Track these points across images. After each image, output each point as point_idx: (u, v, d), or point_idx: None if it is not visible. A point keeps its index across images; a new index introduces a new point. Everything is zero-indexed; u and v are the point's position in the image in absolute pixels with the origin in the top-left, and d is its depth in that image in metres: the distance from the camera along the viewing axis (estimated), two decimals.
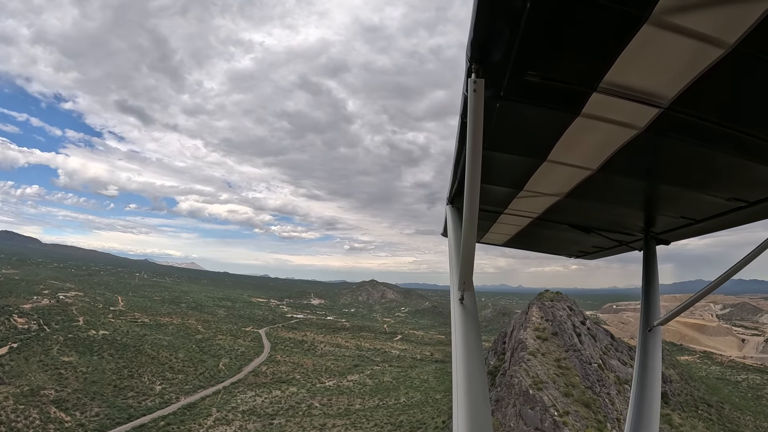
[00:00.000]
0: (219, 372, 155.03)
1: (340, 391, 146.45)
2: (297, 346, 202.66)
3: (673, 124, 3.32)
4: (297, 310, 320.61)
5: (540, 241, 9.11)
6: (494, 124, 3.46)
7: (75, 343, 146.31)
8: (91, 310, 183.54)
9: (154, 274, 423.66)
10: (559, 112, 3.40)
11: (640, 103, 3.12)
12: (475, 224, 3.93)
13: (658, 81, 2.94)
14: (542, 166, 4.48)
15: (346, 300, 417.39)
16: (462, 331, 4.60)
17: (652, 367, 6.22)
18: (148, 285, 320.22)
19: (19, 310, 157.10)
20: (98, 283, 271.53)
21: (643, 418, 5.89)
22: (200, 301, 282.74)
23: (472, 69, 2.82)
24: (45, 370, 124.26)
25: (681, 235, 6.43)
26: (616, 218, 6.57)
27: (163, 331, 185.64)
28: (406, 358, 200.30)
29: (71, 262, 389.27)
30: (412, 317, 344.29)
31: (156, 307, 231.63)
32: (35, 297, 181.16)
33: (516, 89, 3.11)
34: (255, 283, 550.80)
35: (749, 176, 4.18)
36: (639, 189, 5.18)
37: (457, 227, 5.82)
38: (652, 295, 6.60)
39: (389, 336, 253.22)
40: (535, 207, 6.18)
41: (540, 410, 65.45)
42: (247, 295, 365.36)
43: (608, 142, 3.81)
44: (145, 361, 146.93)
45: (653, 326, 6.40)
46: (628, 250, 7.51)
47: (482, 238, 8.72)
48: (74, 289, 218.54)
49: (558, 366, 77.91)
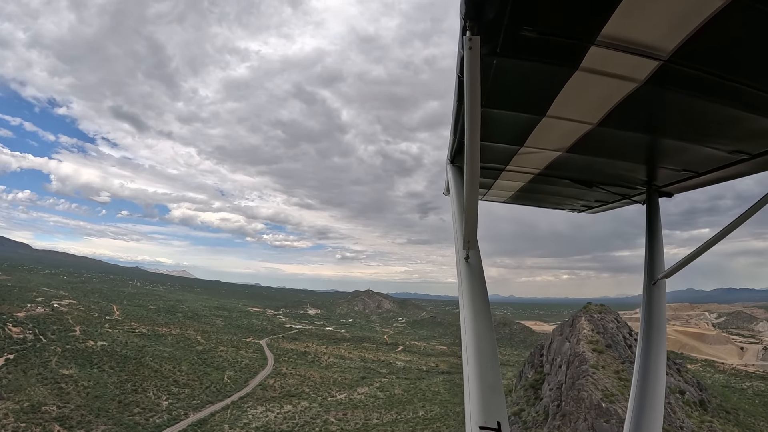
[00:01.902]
0: (225, 385, 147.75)
1: (353, 404, 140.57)
2: (301, 357, 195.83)
3: (674, 76, 3.34)
4: (295, 320, 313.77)
5: (543, 197, 8.84)
6: (491, 81, 3.55)
7: (74, 355, 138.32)
8: (87, 320, 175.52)
9: (146, 281, 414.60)
10: (557, 67, 3.43)
11: (639, 56, 3.12)
12: (476, 182, 4.01)
13: (658, 33, 2.92)
14: (542, 121, 4.48)
15: (342, 310, 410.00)
16: (469, 289, 4.62)
17: (657, 321, 6.31)
18: (142, 293, 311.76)
19: (13, 318, 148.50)
20: (92, 291, 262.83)
21: (650, 373, 6.01)
22: (196, 310, 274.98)
23: (467, 26, 2.80)
24: (45, 384, 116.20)
25: (683, 187, 6.41)
26: (618, 172, 6.45)
27: (163, 342, 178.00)
28: (412, 369, 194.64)
29: (63, 268, 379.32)
30: (410, 328, 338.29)
31: (152, 316, 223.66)
32: (29, 305, 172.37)
33: (512, 45, 3.11)
34: (248, 292, 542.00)
35: (751, 128, 4.19)
36: (640, 142, 5.14)
37: (459, 186, 5.83)
38: (656, 248, 6.65)
39: (391, 347, 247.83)
40: (536, 163, 6.14)
41: (615, 423, 63.47)
42: (243, 305, 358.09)
43: (608, 95, 3.84)
44: (148, 375, 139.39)
45: (657, 279, 6.43)
46: (631, 203, 7.43)
47: (485, 196, 8.52)
48: (68, 297, 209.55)
49: (618, 378, 74.87)
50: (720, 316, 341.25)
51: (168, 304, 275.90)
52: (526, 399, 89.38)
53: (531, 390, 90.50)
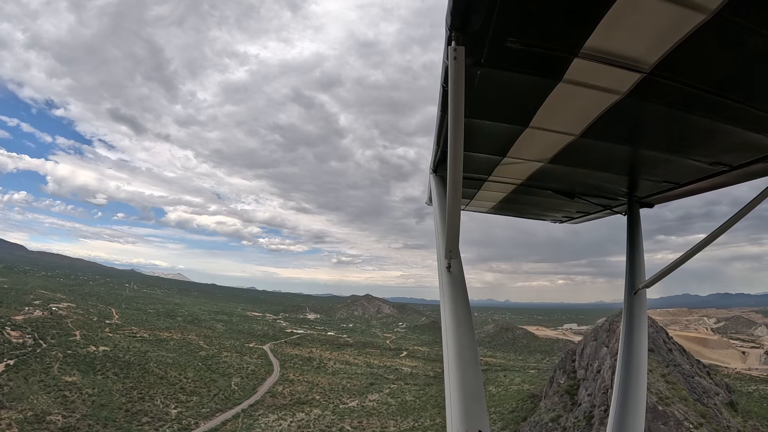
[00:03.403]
0: (233, 393, 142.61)
1: (367, 412, 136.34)
2: (306, 363, 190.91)
3: (655, 89, 3.39)
4: (295, 325, 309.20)
5: (525, 208, 8.96)
6: (476, 91, 3.55)
7: (76, 361, 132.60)
8: (86, 324, 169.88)
9: (143, 284, 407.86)
10: (540, 78, 3.45)
11: (621, 69, 3.17)
12: (459, 192, 4.01)
13: (640, 46, 2.97)
14: (525, 132, 4.50)
15: (341, 315, 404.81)
16: (450, 299, 4.64)
17: (638, 330, 6.30)
18: (140, 296, 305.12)
19: (11, 322, 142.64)
20: (89, 294, 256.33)
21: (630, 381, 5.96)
22: (196, 314, 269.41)
23: (452, 37, 2.85)
24: (48, 392, 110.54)
25: (664, 198, 6.51)
26: (599, 183, 6.51)
27: (165, 347, 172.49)
28: (419, 375, 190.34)
29: (59, 270, 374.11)
30: (411, 333, 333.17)
31: (152, 320, 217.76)
32: (27, 308, 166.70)
33: (497, 56, 3.15)
34: (245, 296, 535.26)
35: (731, 141, 4.28)
36: (622, 154, 5.22)
37: (441, 195, 5.95)
38: (637, 259, 6.69)
39: (395, 352, 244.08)
40: (519, 173, 6.18)
41: (674, 425, 62.46)
42: (241, 309, 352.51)
43: (590, 107, 3.88)
44: (154, 382, 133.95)
45: (638, 289, 6.47)
46: (612, 213, 7.53)
47: (467, 206, 8.62)
48: (66, 300, 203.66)
49: (666, 381, 74.01)
50: (719, 321, 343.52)
51: (167, 308, 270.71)
52: (563, 405, 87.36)
53: (567, 396, 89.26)
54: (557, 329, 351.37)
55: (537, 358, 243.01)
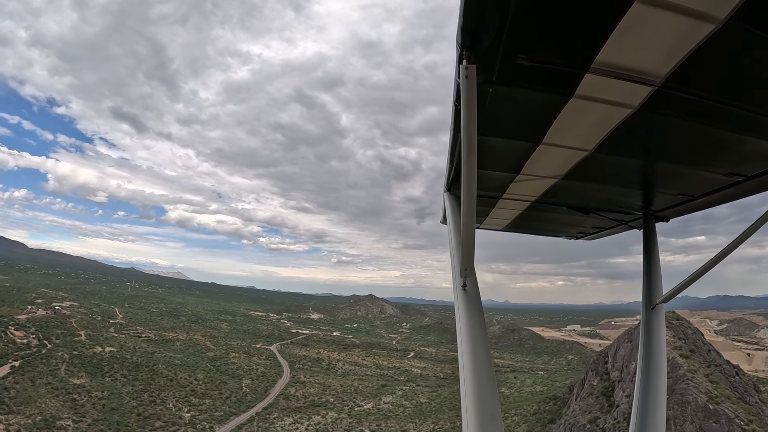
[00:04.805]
0: (245, 395, 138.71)
1: (384, 414, 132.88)
2: (315, 364, 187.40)
3: (667, 101, 3.39)
4: (300, 325, 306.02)
5: (540, 224, 8.90)
6: (488, 109, 3.56)
7: (82, 362, 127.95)
8: (91, 323, 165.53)
9: (144, 283, 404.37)
10: (552, 95, 3.47)
11: (633, 82, 3.18)
12: (473, 210, 4.02)
13: (651, 59, 2.97)
14: (538, 149, 4.48)
15: (344, 315, 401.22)
16: (466, 317, 4.66)
17: (656, 346, 6.22)
18: (142, 295, 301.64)
19: (15, 321, 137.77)
20: (91, 293, 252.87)
21: (650, 398, 5.89)
22: (199, 314, 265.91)
23: (463, 55, 2.86)
24: (56, 395, 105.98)
25: (680, 211, 6.44)
26: (614, 198, 6.51)
27: (172, 348, 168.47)
28: (430, 377, 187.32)
29: (59, 268, 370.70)
30: (416, 333, 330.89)
31: (156, 320, 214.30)
32: (29, 307, 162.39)
33: (508, 73, 3.18)
34: (246, 295, 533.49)
35: (746, 150, 4.22)
36: (636, 168, 5.19)
37: (456, 214, 5.85)
38: (654, 273, 6.57)
39: (402, 353, 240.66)
40: (533, 190, 6.15)
41: (725, 422, 63.78)
42: (244, 308, 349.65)
43: (603, 122, 3.87)
44: (164, 384, 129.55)
45: (656, 304, 6.37)
46: (628, 228, 7.46)
47: (482, 224, 8.55)
48: (68, 299, 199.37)
49: (710, 381, 73.81)
50: (721, 323, 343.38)
51: (170, 307, 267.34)
52: (599, 406, 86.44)
53: (602, 397, 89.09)
54: (561, 330, 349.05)
55: (544, 360, 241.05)
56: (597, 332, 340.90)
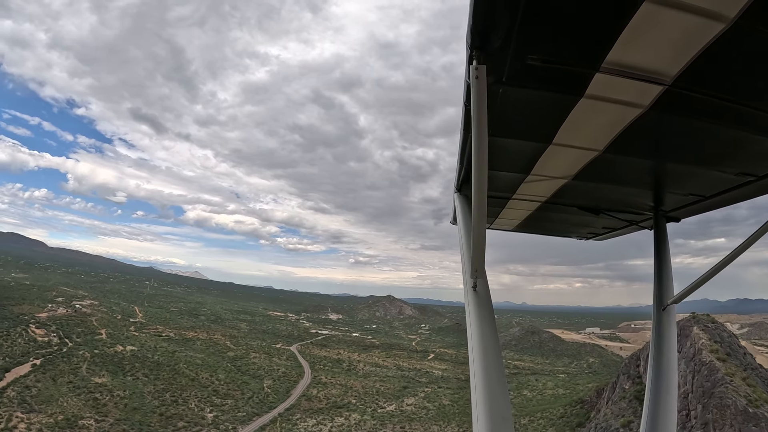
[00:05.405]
0: (267, 396, 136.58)
1: (407, 417, 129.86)
2: (336, 365, 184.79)
3: (678, 101, 3.39)
4: (319, 326, 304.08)
5: (550, 225, 8.84)
6: (498, 109, 3.60)
7: (104, 361, 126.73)
8: (111, 322, 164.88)
9: (162, 282, 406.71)
10: (562, 95, 3.49)
11: (643, 82, 3.18)
12: (484, 211, 4.05)
13: (661, 58, 2.97)
14: (548, 149, 4.52)
15: (363, 315, 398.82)
16: (477, 318, 4.67)
17: (668, 347, 6.23)
18: (161, 294, 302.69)
19: (35, 319, 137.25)
20: (110, 291, 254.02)
21: (661, 398, 5.88)
22: (218, 313, 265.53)
23: (473, 56, 2.88)
24: (77, 394, 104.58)
25: (691, 211, 6.40)
26: (624, 198, 6.49)
27: (192, 348, 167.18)
28: (451, 379, 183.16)
29: (78, 267, 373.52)
30: (435, 335, 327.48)
31: (175, 319, 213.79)
32: (50, 305, 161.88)
33: (518, 74, 3.20)
34: (264, 295, 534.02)
35: (757, 150, 4.23)
36: (646, 168, 5.20)
37: (466, 215, 5.86)
38: (665, 274, 6.57)
39: (422, 355, 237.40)
40: (543, 191, 6.14)
41: (765, 426, 63.34)
42: (263, 308, 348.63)
43: (613, 122, 3.88)
44: (186, 384, 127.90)
45: (667, 305, 6.34)
46: (639, 229, 7.39)
47: (492, 224, 8.52)
48: (88, 297, 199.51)
49: (747, 385, 73.09)
50: (742, 327, 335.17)
51: (189, 307, 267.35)
52: (632, 410, 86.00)
53: (635, 401, 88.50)
54: (581, 333, 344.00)
55: (565, 362, 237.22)
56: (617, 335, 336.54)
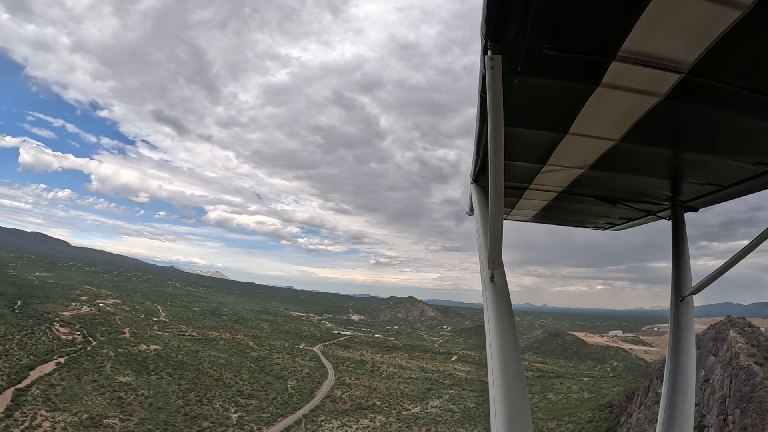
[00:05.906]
0: (291, 397, 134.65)
1: (432, 419, 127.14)
2: (359, 366, 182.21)
3: (695, 89, 3.36)
4: (341, 327, 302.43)
5: (566, 215, 8.81)
6: (514, 100, 3.55)
7: (128, 360, 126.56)
8: (135, 321, 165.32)
9: (184, 282, 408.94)
10: (578, 84, 3.47)
11: (660, 70, 3.14)
12: (501, 201, 4.06)
13: (677, 46, 2.94)
14: (565, 139, 4.50)
15: (385, 316, 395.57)
16: (494, 309, 4.64)
17: (686, 339, 6.12)
18: (183, 294, 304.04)
19: (59, 318, 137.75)
20: (133, 291, 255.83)
21: (678, 390, 5.80)
22: (240, 313, 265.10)
23: (488, 46, 2.87)
24: (102, 393, 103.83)
25: (709, 201, 6.31)
26: (642, 188, 6.42)
27: (216, 347, 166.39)
28: (475, 381, 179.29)
29: (101, 266, 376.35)
30: (458, 336, 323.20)
31: (198, 319, 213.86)
32: (73, 303, 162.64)
33: (533, 63, 3.18)
34: (285, 295, 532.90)
35: None
36: (664, 157, 5.14)
37: (483, 205, 5.87)
38: (683, 265, 6.48)
39: (445, 356, 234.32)
40: (559, 181, 6.11)
41: None
42: (284, 309, 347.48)
43: (630, 111, 3.85)
44: (210, 383, 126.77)
45: (685, 296, 6.26)
46: (656, 219, 7.31)
47: (509, 215, 8.44)
48: (111, 296, 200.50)
49: None
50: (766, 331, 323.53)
51: (211, 306, 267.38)
52: None
53: None
54: (604, 336, 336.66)
55: (588, 366, 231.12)
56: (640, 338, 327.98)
